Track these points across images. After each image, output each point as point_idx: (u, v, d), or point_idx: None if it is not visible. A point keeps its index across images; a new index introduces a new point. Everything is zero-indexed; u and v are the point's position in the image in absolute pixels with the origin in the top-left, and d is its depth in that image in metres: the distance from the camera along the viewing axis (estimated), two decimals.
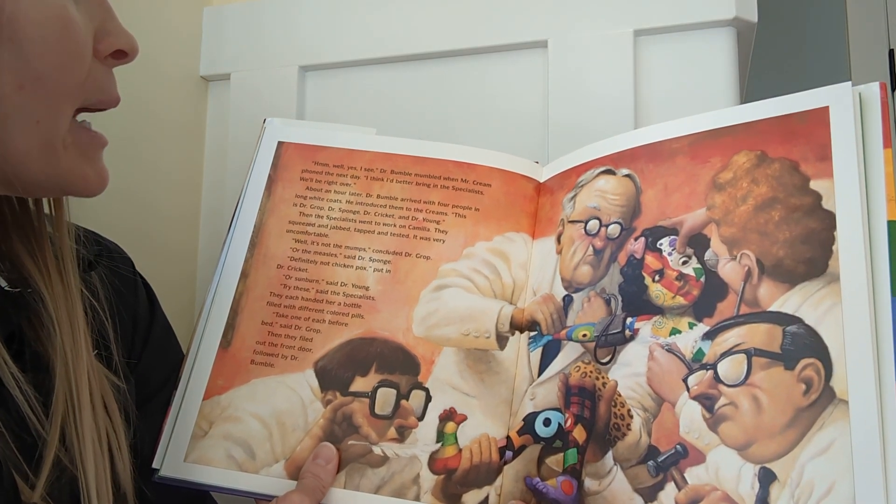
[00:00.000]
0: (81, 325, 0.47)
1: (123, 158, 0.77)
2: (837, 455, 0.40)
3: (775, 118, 0.49)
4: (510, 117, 0.79)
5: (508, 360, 0.53)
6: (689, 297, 0.48)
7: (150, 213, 0.82)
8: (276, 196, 0.60)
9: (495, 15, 0.79)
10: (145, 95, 0.80)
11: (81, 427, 0.45)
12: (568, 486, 0.48)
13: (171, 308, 0.63)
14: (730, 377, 0.44)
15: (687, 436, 0.45)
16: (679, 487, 0.44)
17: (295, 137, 0.62)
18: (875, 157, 0.45)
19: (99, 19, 0.44)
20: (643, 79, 0.74)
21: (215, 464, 0.51)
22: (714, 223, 0.49)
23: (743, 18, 0.72)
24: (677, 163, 0.52)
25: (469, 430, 0.51)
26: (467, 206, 0.58)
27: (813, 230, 0.45)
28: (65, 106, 0.42)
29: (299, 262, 0.57)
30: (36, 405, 0.43)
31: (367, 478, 0.50)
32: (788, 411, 0.42)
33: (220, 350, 0.55)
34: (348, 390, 0.53)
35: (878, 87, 0.46)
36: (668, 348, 0.47)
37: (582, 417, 0.49)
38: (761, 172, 0.48)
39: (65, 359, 0.45)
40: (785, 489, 0.41)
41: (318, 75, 0.87)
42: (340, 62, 0.85)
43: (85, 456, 0.44)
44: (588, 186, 0.56)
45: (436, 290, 0.55)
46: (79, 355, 0.46)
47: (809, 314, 0.43)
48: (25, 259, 0.47)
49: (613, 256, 0.53)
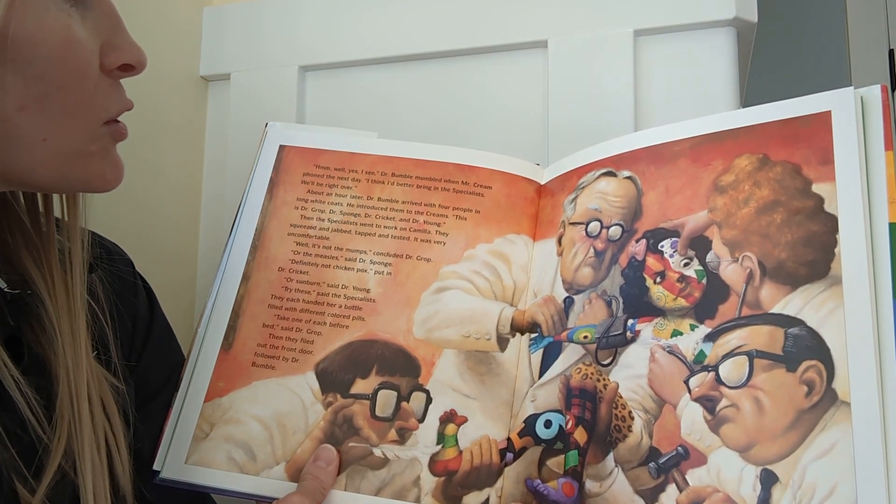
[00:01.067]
0: (83, 330, 0.47)
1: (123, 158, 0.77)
2: (839, 457, 0.40)
3: (777, 122, 0.49)
4: (510, 117, 0.79)
5: (509, 362, 0.53)
6: (691, 299, 0.48)
7: (150, 213, 0.82)
8: (278, 199, 0.60)
9: (495, 15, 0.79)
10: (145, 95, 0.80)
11: (80, 431, 0.45)
12: (569, 488, 0.48)
13: (170, 309, 0.63)
14: (731, 379, 0.44)
15: (688, 437, 0.45)
16: (680, 489, 0.44)
17: (296, 141, 0.62)
18: (877, 159, 0.45)
19: (106, 32, 0.43)
20: (643, 79, 0.74)
21: (216, 466, 0.51)
22: (716, 225, 0.49)
23: (743, 18, 0.72)
24: (679, 165, 0.52)
25: (470, 432, 0.51)
26: (468, 208, 0.58)
27: (815, 233, 0.45)
28: (74, 122, 0.42)
29: (300, 265, 0.57)
30: (37, 408, 0.43)
31: (368, 480, 0.50)
32: (790, 413, 0.42)
33: (222, 352, 0.55)
34: (349, 392, 0.53)
35: (880, 90, 0.46)
36: (670, 350, 0.47)
37: (583, 419, 0.49)
38: (763, 175, 0.48)
39: (65, 363, 0.45)
40: (787, 491, 0.41)
41: (318, 75, 0.86)
42: (340, 62, 0.85)
43: (83, 459, 0.44)
44: (589, 188, 0.56)
45: (436, 293, 0.55)
46: (79, 360, 0.46)
47: (811, 316, 0.43)
48: (28, 261, 0.47)
49: (614, 258, 0.53)
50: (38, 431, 0.43)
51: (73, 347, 0.46)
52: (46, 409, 0.44)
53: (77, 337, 0.46)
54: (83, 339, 0.47)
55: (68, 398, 0.45)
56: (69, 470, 0.44)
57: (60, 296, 0.46)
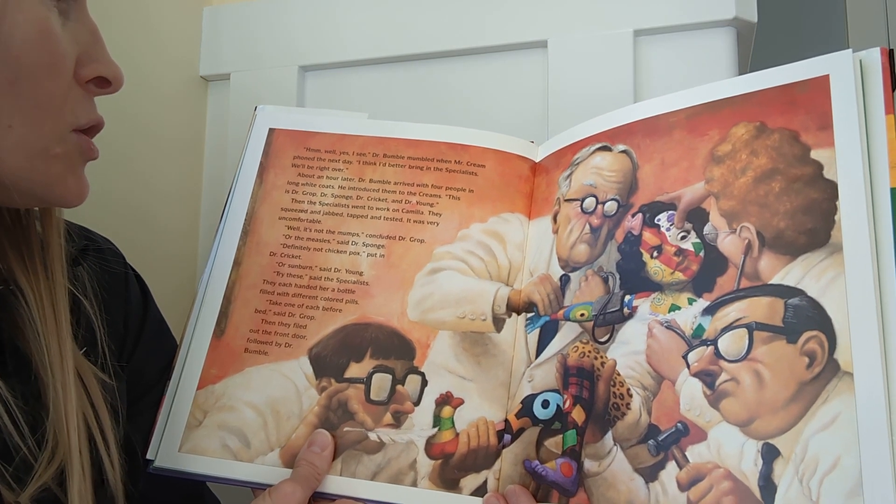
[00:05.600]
0: (66, 325, 0.46)
1: (123, 158, 0.76)
2: (842, 429, 0.38)
3: (774, 88, 0.48)
4: (510, 117, 0.79)
5: (505, 343, 0.52)
6: (689, 273, 0.47)
7: (149, 213, 0.81)
8: (268, 183, 0.59)
9: (495, 15, 0.79)
10: (145, 95, 0.80)
11: (66, 428, 0.44)
12: (567, 469, 0.47)
13: (170, 309, 0.62)
14: (731, 352, 0.43)
15: (688, 413, 0.44)
16: (680, 466, 0.43)
17: (286, 124, 0.61)
18: (877, 124, 0.44)
19: (85, 44, 0.43)
20: (643, 79, 0.74)
21: (210, 453, 0.51)
22: (713, 196, 0.48)
23: (743, 18, 0.71)
24: (675, 137, 0.51)
25: (466, 414, 0.50)
26: (461, 187, 0.57)
27: (814, 200, 0.44)
28: (42, 116, 0.41)
29: (292, 249, 0.57)
30: (15, 412, 0.42)
31: (364, 464, 0.49)
32: (791, 385, 0.41)
33: (214, 339, 0.54)
34: (343, 377, 0.52)
35: (879, 52, 0.45)
36: (668, 325, 0.46)
37: (581, 398, 0.48)
38: (760, 143, 0.47)
39: (48, 360, 0.44)
40: (789, 465, 0.39)
41: (318, 75, 0.86)
42: (340, 62, 0.85)
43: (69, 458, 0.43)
44: (584, 164, 0.54)
45: (430, 274, 0.54)
46: (63, 356, 0.45)
47: (812, 286, 0.42)
48: (9, 255, 0.46)
49: (611, 234, 0.51)
50: (16, 438, 0.42)
51: (58, 341, 0.45)
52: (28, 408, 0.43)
53: (61, 329, 0.45)
54: (67, 332, 0.46)
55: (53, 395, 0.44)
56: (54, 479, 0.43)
57: (42, 286, 0.46)
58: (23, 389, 0.43)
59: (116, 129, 0.74)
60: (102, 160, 0.46)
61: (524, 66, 0.79)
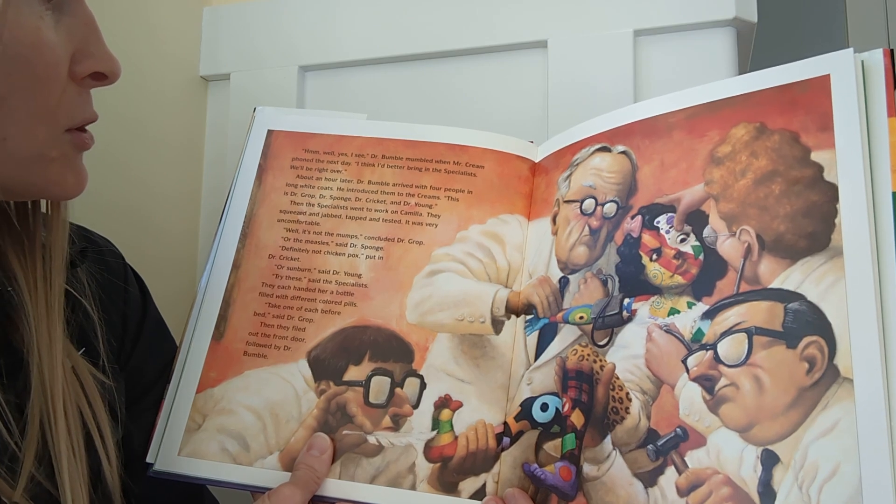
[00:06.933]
0: (60, 325, 0.46)
1: (123, 158, 0.76)
2: (842, 435, 0.38)
3: (774, 88, 0.47)
4: (510, 117, 0.78)
5: (504, 345, 0.52)
6: (688, 276, 0.47)
7: (149, 213, 0.81)
8: (267, 185, 0.59)
9: (495, 15, 0.79)
10: (145, 96, 0.80)
11: (55, 427, 0.44)
12: (566, 472, 0.47)
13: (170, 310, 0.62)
14: (730, 357, 0.43)
15: (687, 418, 0.43)
16: (679, 471, 0.43)
17: (285, 125, 0.61)
18: (879, 126, 0.43)
19: (81, 40, 0.42)
20: (643, 79, 0.74)
21: (209, 457, 0.51)
22: (712, 199, 0.47)
23: (743, 18, 0.71)
24: (674, 137, 0.50)
25: (465, 417, 0.50)
26: (460, 188, 0.56)
27: (814, 203, 0.43)
28: (36, 126, 0.40)
29: (291, 252, 0.56)
30: (5, 408, 0.42)
31: (363, 468, 0.49)
32: (791, 391, 0.40)
33: (213, 342, 0.54)
34: (342, 379, 0.52)
35: (882, 53, 0.44)
36: (667, 329, 0.46)
37: (580, 402, 0.48)
38: (760, 145, 0.46)
39: (39, 358, 0.44)
40: (788, 471, 0.39)
41: (318, 75, 0.86)
42: (340, 62, 0.84)
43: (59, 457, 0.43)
44: (583, 165, 0.54)
45: (429, 276, 0.54)
46: (54, 355, 0.45)
47: (812, 290, 0.42)
48: (11, 257, 0.46)
49: (610, 236, 0.51)
50: (5, 435, 0.42)
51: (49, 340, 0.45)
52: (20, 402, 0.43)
53: (53, 329, 0.45)
54: (60, 331, 0.46)
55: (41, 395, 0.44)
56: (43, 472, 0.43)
57: (39, 286, 0.46)
58: (14, 384, 0.44)
59: (116, 129, 0.74)
60: (101, 161, 0.46)
61: (524, 66, 0.79)
